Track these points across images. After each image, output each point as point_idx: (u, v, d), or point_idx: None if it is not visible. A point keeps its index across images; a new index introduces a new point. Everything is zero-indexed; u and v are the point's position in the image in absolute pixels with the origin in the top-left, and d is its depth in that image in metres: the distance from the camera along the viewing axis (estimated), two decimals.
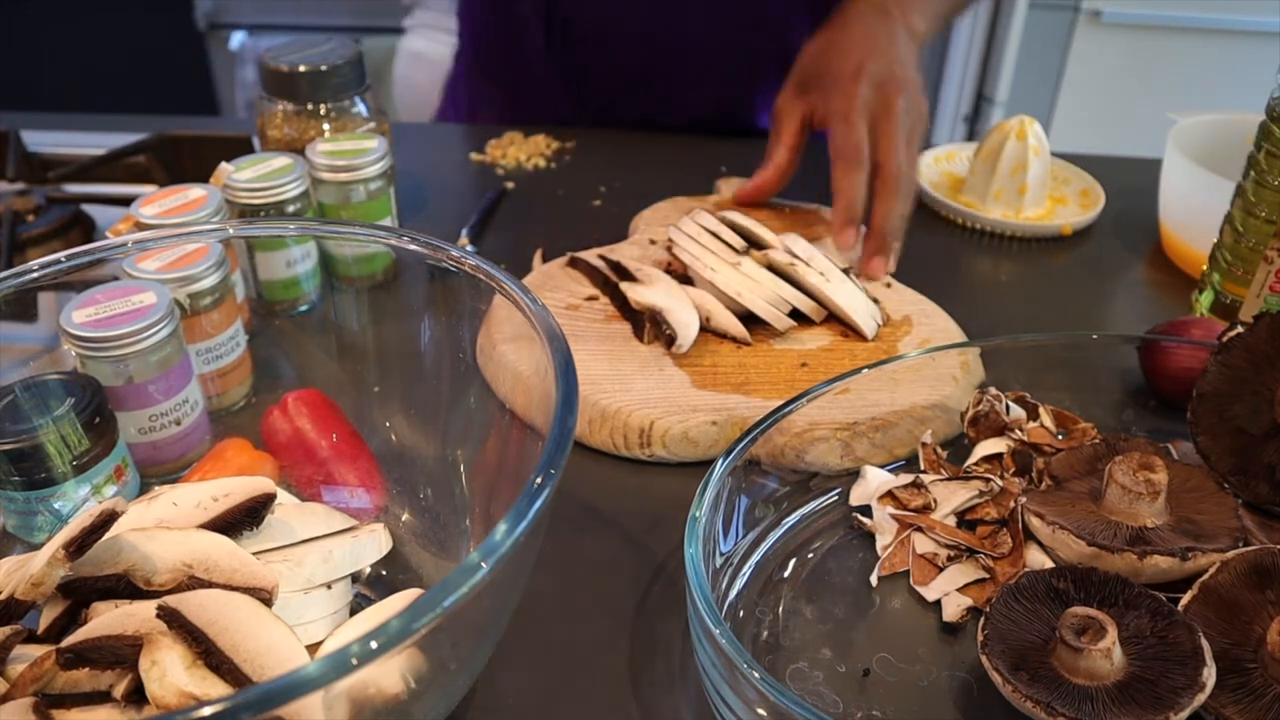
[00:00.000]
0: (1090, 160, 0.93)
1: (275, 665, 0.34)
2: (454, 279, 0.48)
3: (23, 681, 0.35)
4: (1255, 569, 0.43)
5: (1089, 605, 0.43)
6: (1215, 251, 0.70)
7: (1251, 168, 0.66)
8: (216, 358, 0.57)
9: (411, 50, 1.31)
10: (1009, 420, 0.56)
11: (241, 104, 2.07)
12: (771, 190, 0.80)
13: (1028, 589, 0.45)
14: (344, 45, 0.76)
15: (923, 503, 0.52)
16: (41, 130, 0.92)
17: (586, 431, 0.59)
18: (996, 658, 0.42)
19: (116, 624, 0.35)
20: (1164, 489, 0.47)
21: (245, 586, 0.38)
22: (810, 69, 0.79)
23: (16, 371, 0.51)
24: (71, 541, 0.36)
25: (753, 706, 0.37)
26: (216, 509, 0.41)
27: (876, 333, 0.65)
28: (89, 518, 0.36)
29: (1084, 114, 2.06)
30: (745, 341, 0.64)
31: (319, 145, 0.69)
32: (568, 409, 0.38)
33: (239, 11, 2.06)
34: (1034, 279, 0.79)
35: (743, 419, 0.58)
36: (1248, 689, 0.40)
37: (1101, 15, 1.97)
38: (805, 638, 0.46)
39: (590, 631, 0.48)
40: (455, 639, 0.36)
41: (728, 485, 0.48)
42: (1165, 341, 0.60)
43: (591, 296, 0.69)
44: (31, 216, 0.76)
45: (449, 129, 1.04)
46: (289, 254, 0.64)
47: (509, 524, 0.32)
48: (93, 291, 0.51)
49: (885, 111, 0.73)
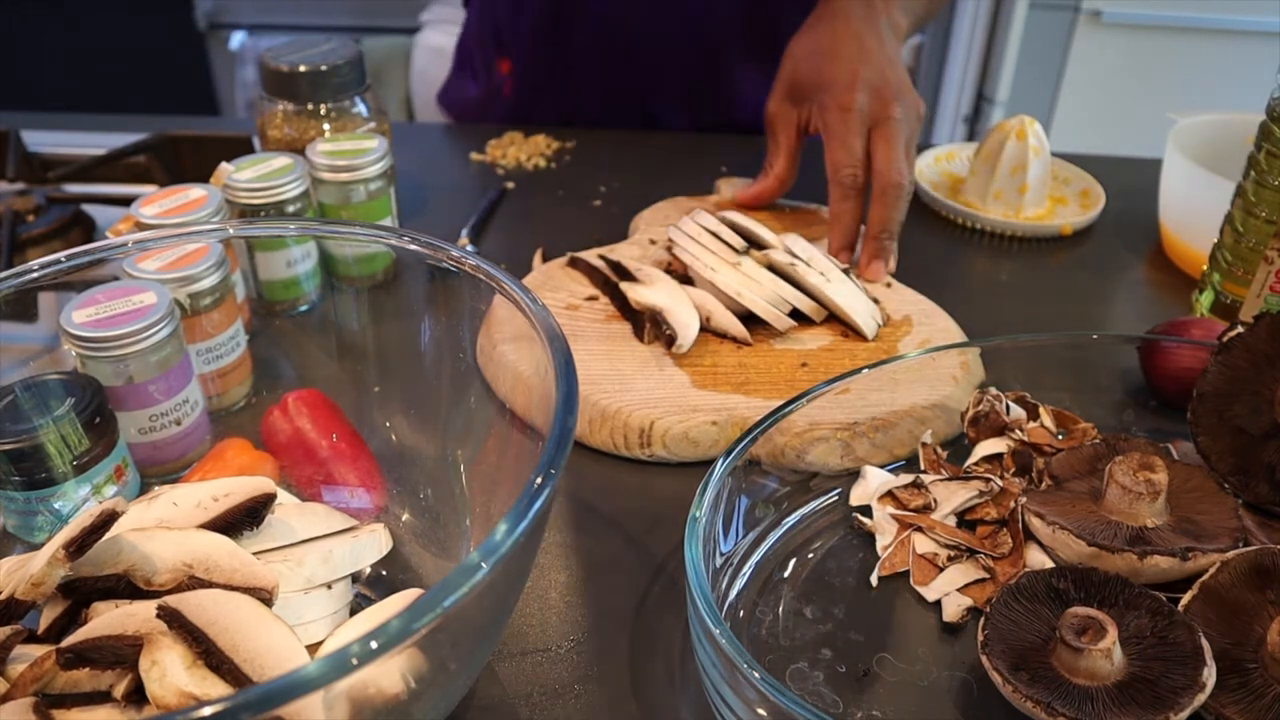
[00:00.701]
0: (1090, 160, 0.93)
1: (275, 665, 0.34)
2: (454, 279, 0.48)
3: (23, 682, 0.35)
4: (1255, 569, 0.43)
5: (1089, 605, 0.43)
6: (1215, 251, 0.70)
7: (1251, 168, 0.66)
8: (217, 358, 0.57)
9: (430, 45, 1.31)
10: (1009, 420, 0.56)
11: (242, 104, 2.07)
12: (771, 198, 0.81)
13: (1028, 589, 0.45)
14: (344, 45, 0.76)
15: (923, 503, 0.52)
16: (41, 130, 0.92)
17: (587, 431, 0.59)
18: (997, 658, 0.42)
19: (117, 624, 0.35)
20: (1164, 489, 0.47)
21: (245, 586, 0.38)
22: (801, 76, 0.77)
23: (17, 371, 0.51)
24: (71, 541, 0.36)
25: (753, 707, 0.37)
26: (217, 509, 0.41)
27: (877, 333, 0.65)
28: (89, 518, 0.36)
29: (1084, 114, 2.06)
30: (745, 341, 0.64)
31: (319, 145, 0.69)
32: (568, 409, 0.38)
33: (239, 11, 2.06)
34: (1034, 279, 0.79)
35: (743, 419, 0.58)
36: (1248, 689, 0.40)
37: (1101, 15, 1.96)
38: (805, 638, 0.46)
39: (591, 631, 0.48)
40: (455, 639, 0.36)
41: (728, 485, 0.48)
42: (1165, 341, 0.60)
43: (591, 296, 0.69)
44: (31, 216, 0.76)
45: (449, 129, 1.05)
46: (289, 254, 0.64)
47: (509, 524, 0.32)
48: (93, 291, 0.51)
49: (883, 121, 0.73)
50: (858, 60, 0.75)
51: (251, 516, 0.42)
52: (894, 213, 0.72)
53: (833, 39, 0.77)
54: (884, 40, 0.77)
